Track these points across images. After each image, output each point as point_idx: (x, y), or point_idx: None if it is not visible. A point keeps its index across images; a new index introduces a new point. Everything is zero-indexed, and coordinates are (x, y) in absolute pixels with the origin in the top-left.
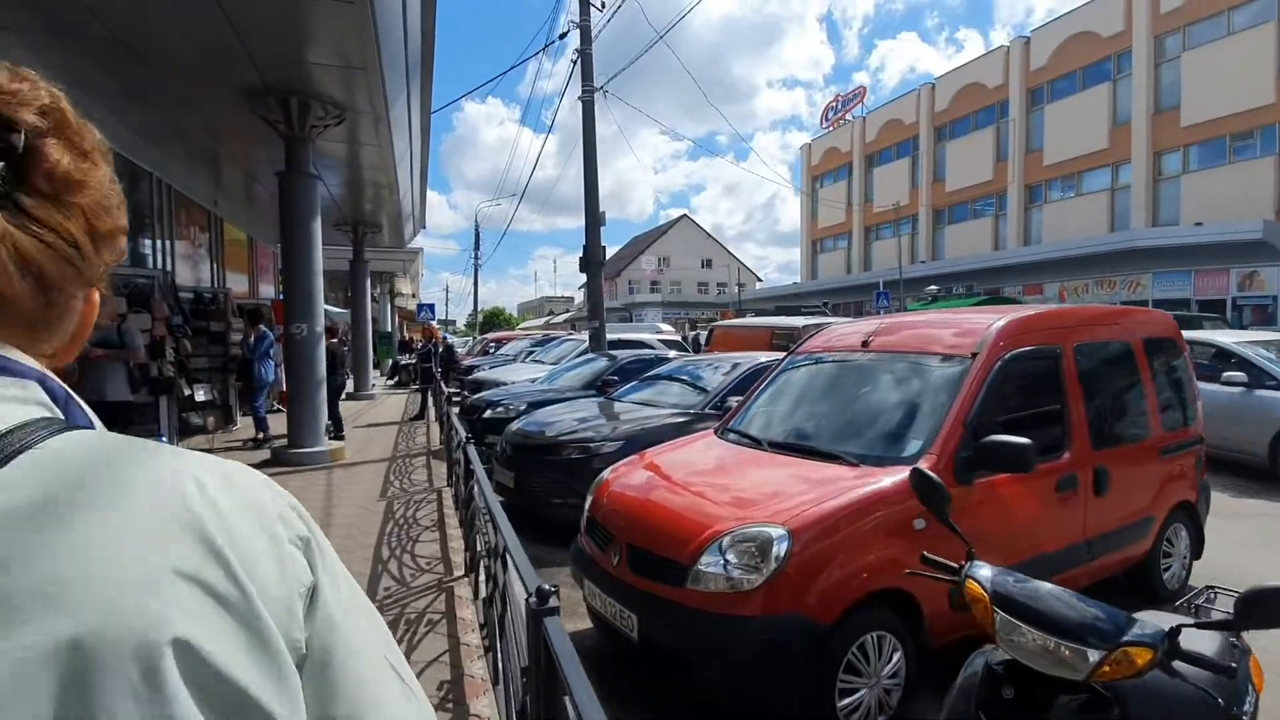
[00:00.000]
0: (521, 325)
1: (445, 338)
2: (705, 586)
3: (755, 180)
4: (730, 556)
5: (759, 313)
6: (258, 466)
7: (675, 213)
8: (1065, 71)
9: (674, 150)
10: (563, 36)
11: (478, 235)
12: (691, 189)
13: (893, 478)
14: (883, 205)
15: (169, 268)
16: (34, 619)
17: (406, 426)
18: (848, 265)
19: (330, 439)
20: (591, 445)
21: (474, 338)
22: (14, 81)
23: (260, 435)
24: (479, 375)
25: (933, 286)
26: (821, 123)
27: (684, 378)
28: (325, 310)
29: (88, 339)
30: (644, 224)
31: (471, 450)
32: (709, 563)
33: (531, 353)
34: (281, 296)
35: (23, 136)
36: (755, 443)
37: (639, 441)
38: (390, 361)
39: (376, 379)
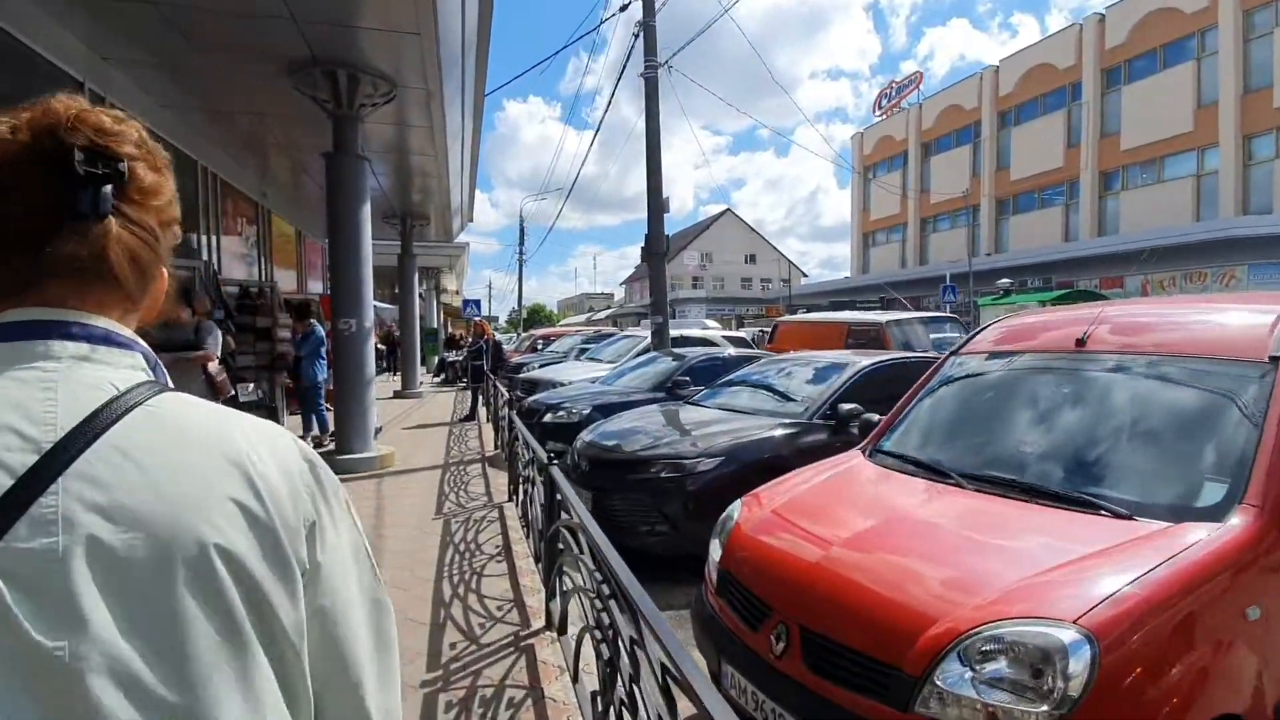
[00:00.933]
0: (563, 322)
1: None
2: (948, 714)
3: (797, 174)
4: (987, 669)
5: (811, 308)
6: None
7: (715, 208)
8: (1144, 50)
9: (714, 145)
10: (624, 9)
11: (522, 230)
12: (732, 184)
13: (1203, 539)
14: (940, 195)
15: (214, 260)
16: (143, 526)
17: (457, 428)
18: (902, 259)
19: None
20: (685, 462)
21: (517, 334)
22: (117, 124)
23: (319, 435)
24: (531, 374)
25: (1005, 280)
26: (874, 110)
27: (775, 380)
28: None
29: (162, 314)
30: (684, 220)
31: (559, 476)
32: (952, 677)
33: (584, 350)
34: (329, 291)
35: (125, 165)
36: (937, 473)
37: (740, 457)
38: (436, 359)
39: (423, 376)
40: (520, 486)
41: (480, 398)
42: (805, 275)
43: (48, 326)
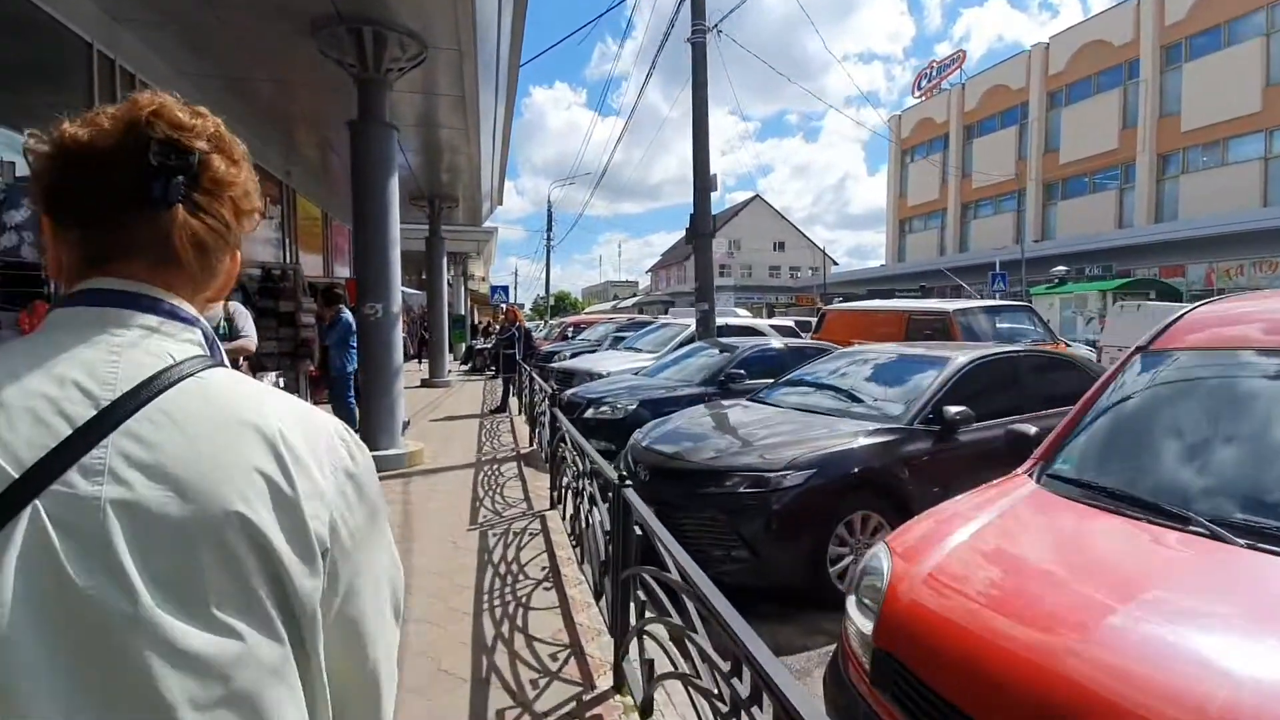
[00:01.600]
0: (588, 309)
1: None
2: None
3: (825, 161)
4: None
5: (847, 297)
6: None
7: (741, 196)
8: (1207, 25)
9: (741, 131)
10: None
11: (550, 216)
12: (758, 171)
13: None
14: (984, 179)
15: None
16: (177, 487)
17: (488, 421)
18: (940, 246)
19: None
20: (768, 475)
21: (544, 322)
22: (193, 119)
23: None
24: (565, 364)
25: (1060, 267)
26: (913, 92)
27: (855, 377)
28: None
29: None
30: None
31: (639, 504)
32: None
33: (619, 338)
34: (355, 275)
35: (196, 157)
36: (1168, 516)
37: (832, 469)
38: (464, 346)
39: (450, 364)
40: (567, 496)
41: (511, 388)
42: (835, 263)
43: (123, 296)
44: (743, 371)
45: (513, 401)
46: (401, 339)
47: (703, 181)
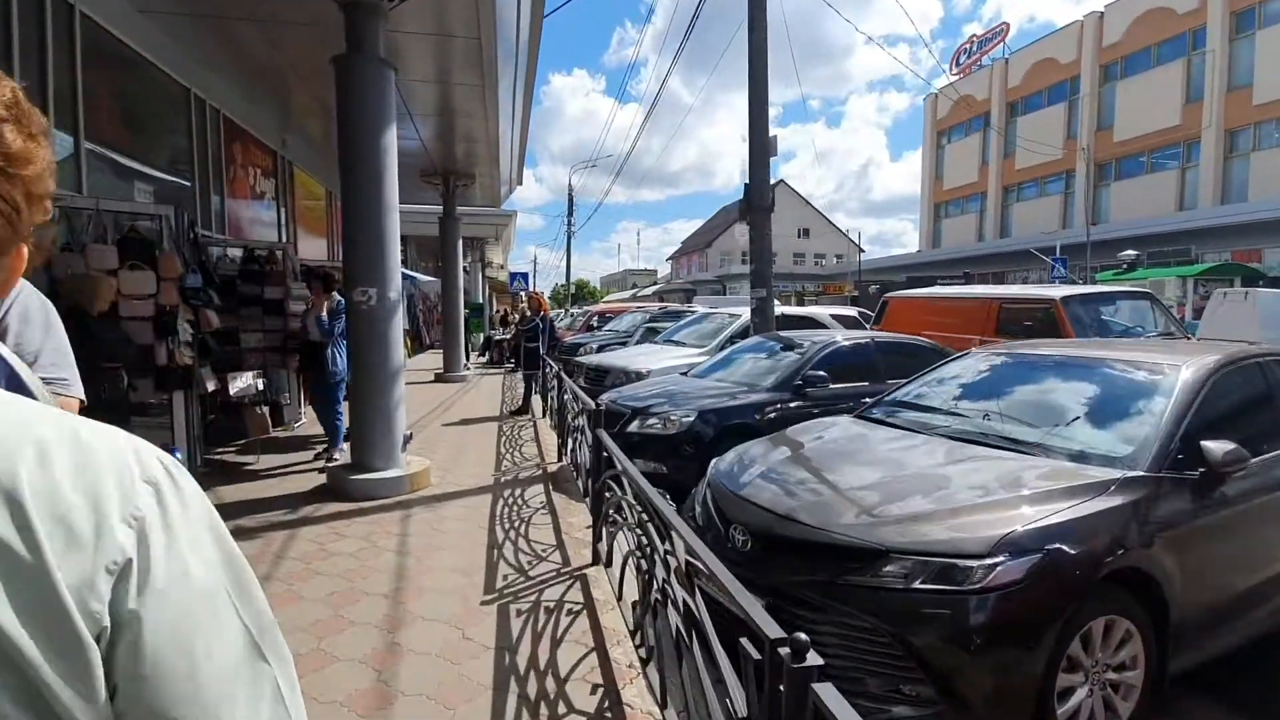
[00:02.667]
0: (607, 298)
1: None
2: None
3: (847, 147)
4: None
5: (885, 286)
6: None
7: None
8: None
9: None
10: None
11: (571, 200)
12: (781, 157)
13: None
14: (1029, 160)
15: (205, 213)
16: None
17: (508, 425)
18: (979, 231)
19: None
20: (965, 562)
21: (567, 310)
22: None
23: (330, 455)
24: (598, 360)
25: (1129, 251)
26: (951, 69)
27: (1007, 391)
28: (412, 278)
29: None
30: (731, 194)
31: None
32: None
33: (652, 329)
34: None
35: None
36: None
37: (1069, 552)
38: (482, 337)
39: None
40: (625, 565)
41: (534, 386)
42: (862, 250)
43: None
44: (823, 374)
45: (535, 401)
46: (402, 332)
47: (760, 145)
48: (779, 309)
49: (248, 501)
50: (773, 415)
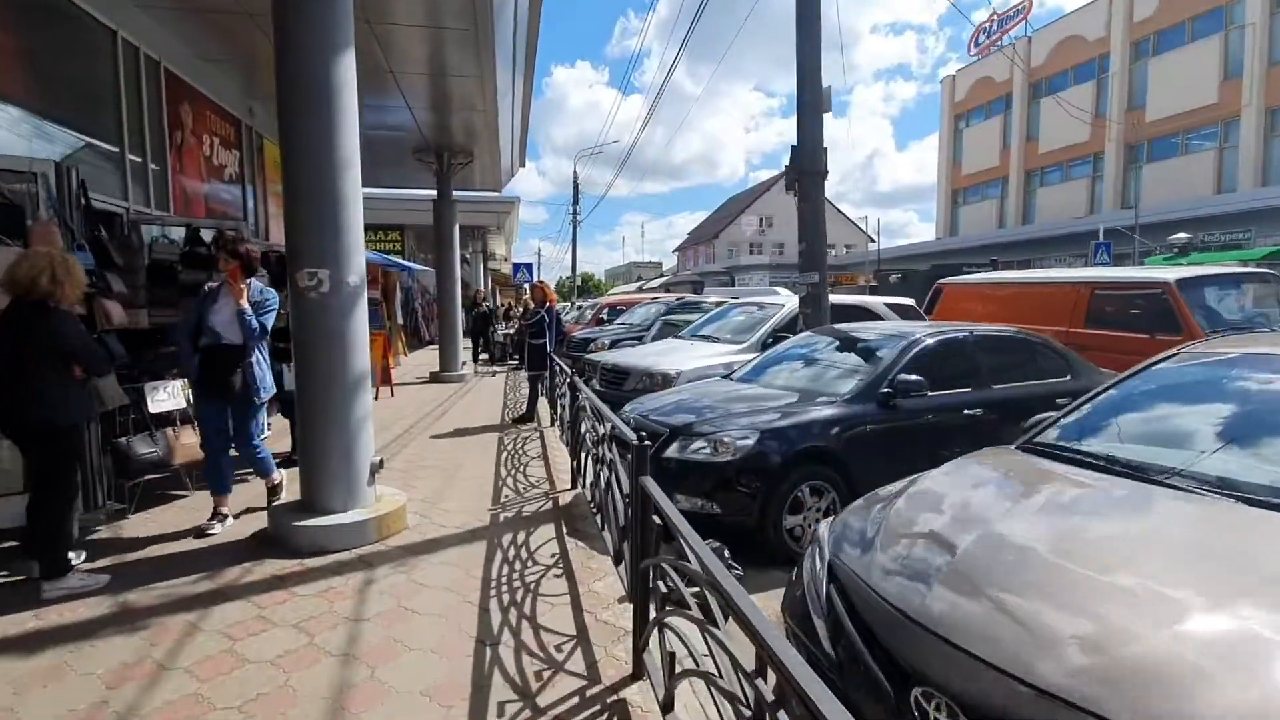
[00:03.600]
0: (612, 290)
1: None
2: None
3: (852, 137)
4: None
5: (906, 275)
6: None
7: (766, 173)
8: None
9: (765, 107)
10: None
11: (576, 188)
12: (783, 148)
13: None
14: (1054, 142)
15: (135, 183)
16: None
17: (510, 437)
18: (1000, 218)
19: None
20: None
21: (572, 304)
22: None
23: (273, 486)
24: (613, 359)
25: (1181, 235)
26: (969, 50)
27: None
28: (409, 269)
29: None
30: (735, 186)
31: None
32: None
33: (670, 323)
34: (285, 223)
35: None
36: None
37: None
38: (470, 327)
39: (465, 350)
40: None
41: (540, 389)
42: (873, 240)
43: None
44: (918, 379)
45: (543, 407)
46: (367, 330)
47: (812, 99)
48: (838, 298)
49: (156, 560)
50: (855, 435)
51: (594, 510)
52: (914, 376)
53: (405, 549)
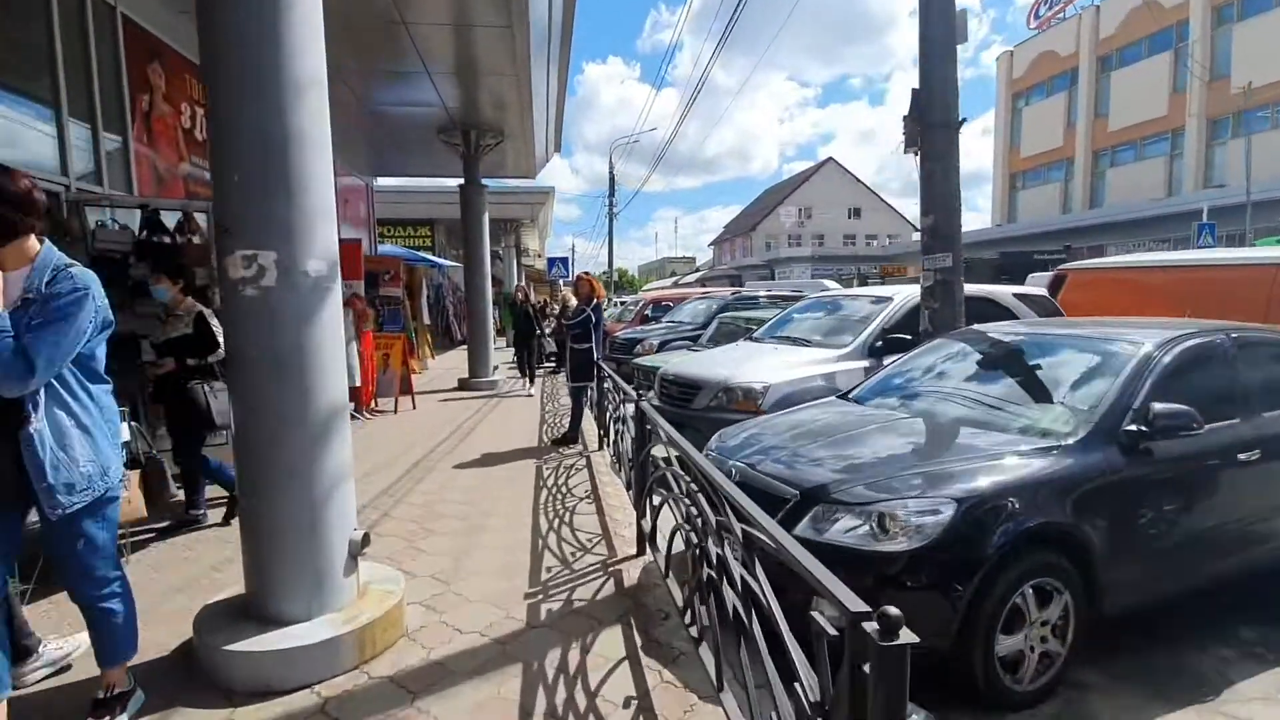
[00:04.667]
0: (647, 286)
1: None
2: None
3: (891, 126)
4: None
5: (968, 266)
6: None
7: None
8: None
9: (800, 98)
10: None
11: (612, 179)
12: (819, 139)
13: None
14: (1127, 119)
15: (80, 155)
16: None
17: (550, 467)
18: (1064, 202)
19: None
20: None
21: (610, 299)
22: None
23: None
24: (675, 369)
25: None
26: (1029, 23)
27: None
28: (438, 265)
29: None
30: (768, 179)
31: None
32: None
33: (726, 323)
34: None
35: None
36: None
37: None
38: (513, 332)
39: (497, 349)
40: None
41: (586, 402)
42: (917, 229)
43: None
44: (1185, 409)
45: (589, 426)
46: (342, 338)
47: (940, 28)
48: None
49: (24, 701)
50: (1095, 500)
51: (687, 623)
52: (1177, 406)
53: (399, 683)
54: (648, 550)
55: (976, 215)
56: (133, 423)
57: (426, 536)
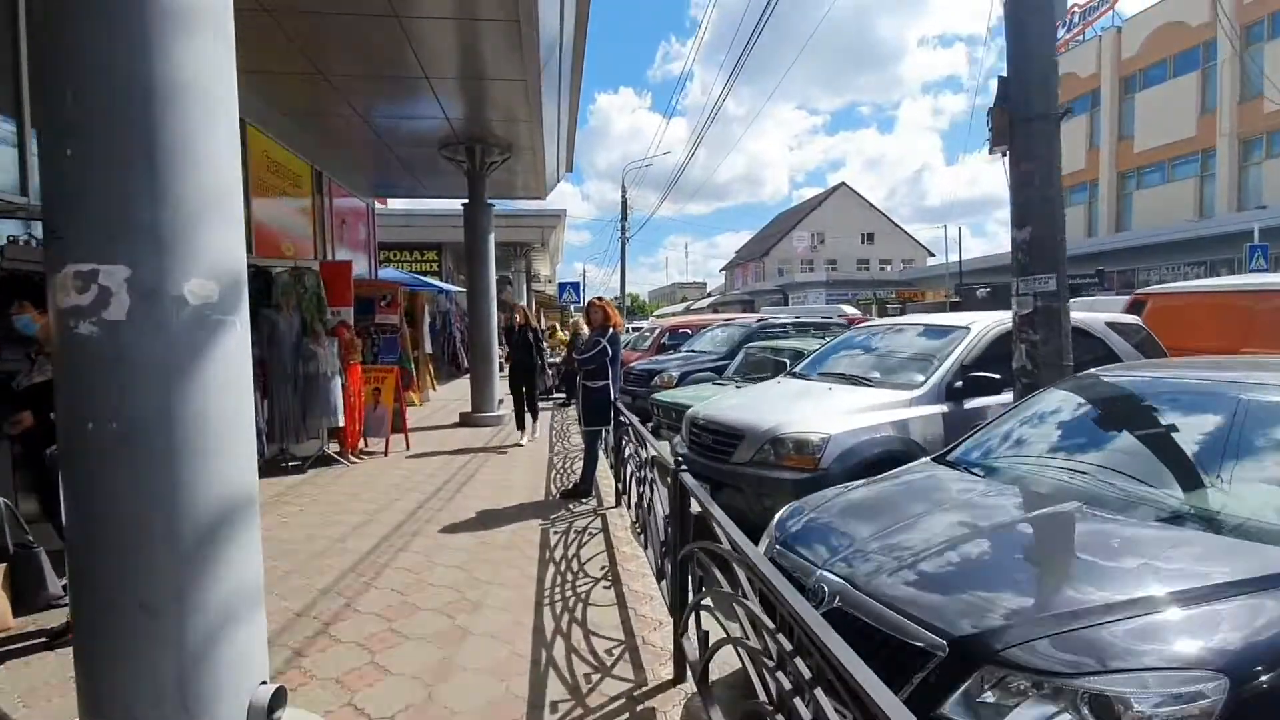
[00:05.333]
0: (657, 312)
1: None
2: None
3: (899, 153)
4: None
5: (994, 291)
6: None
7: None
8: None
9: (809, 125)
10: None
11: (624, 202)
12: (829, 165)
13: None
14: (1152, 141)
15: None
16: None
17: (558, 528)
18: (1089, 225)
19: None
20: None
21: (625, 327)
22: None
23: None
24: (709, 413)
25: None
26: None
27: None
28: (446, 291)
29: None
30: (778, 205)
31: None
32: None
33: (755, 354)
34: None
35: None
36: None
37: None
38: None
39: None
40: None
41: (602, 446)
42: (932, 254)
43: None
44: None
45: (605, 474)
46: (246, 408)
47: (1041, 5)
48: (1080, 315)
49: None
50: None
51: None
52: None
53: None
54: (689, 676)
55: (981, 242)
56: None
57: (396, 646)
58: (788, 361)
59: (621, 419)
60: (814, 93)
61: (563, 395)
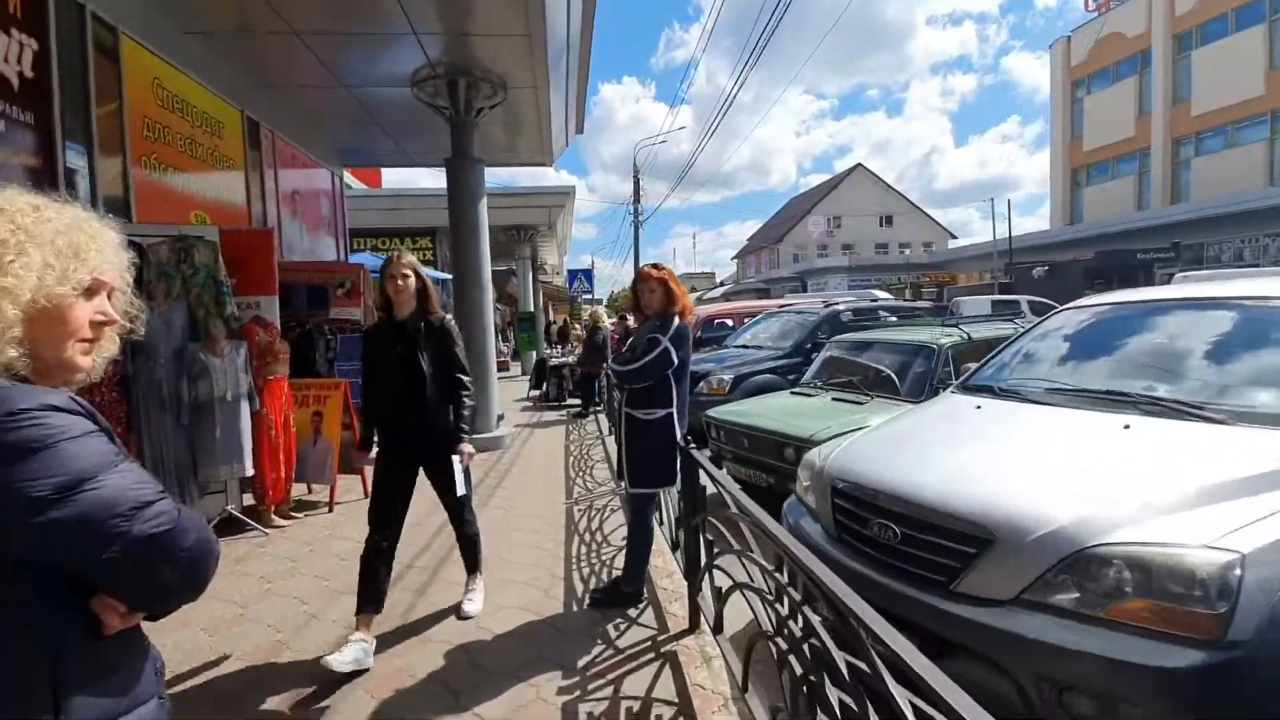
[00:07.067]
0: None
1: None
2: None
3: (907, 136)
4: None
5: (1051, 269)
6: None
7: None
8: None
9: (816, 109)
10: None
11: (637, 182)
12: (836, 151)
13: None
14: (1212, 102)
15: None
16: None
17: (591, 697)
18: (1138, 198)
19: None
20: None
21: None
22: None
23: None
24: (843, 462)
25: None
26: (1086, 6)
27: None
28: (444, 281)
29: None
30: (787, 192)
31: None
32: None
33: (841, 354)
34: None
35: None
36: None
37: None
38: (534, 358)
39: (512, 377)
40: None
41: (654, 512)
42: (954, 236)
43: None
44: None
45: (662, 548)
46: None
47: None
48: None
49: None
50: None
51: None
52: None
53: None
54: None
55: (988, 225)
56: None
57: None
58: (925, 366)
59: (701, 477)
60: (821, 77)
61: (578, 403)
